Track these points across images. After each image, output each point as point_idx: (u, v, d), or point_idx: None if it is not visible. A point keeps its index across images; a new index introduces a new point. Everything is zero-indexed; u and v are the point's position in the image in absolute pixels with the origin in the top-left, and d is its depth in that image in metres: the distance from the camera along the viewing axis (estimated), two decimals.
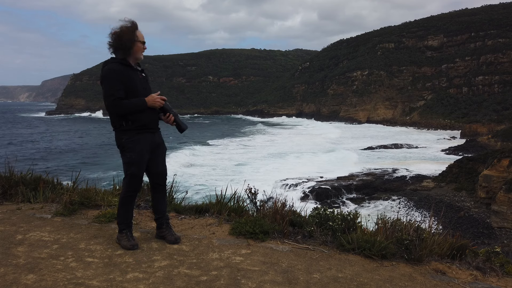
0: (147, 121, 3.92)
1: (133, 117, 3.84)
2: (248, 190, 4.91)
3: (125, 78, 3.80)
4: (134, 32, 3.84)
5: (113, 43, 3.83)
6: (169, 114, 3.97)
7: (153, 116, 3.97)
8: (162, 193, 4.23)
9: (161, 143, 4.14)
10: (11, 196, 5.59)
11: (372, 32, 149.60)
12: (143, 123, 3.89)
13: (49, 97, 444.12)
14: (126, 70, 3.83)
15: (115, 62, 3.84)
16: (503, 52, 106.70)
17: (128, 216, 4.05)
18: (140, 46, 3.89)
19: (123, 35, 3.80)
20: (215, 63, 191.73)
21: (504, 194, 30.78)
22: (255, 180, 37.82)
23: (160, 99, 3.89)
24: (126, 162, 3.92)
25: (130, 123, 3.85)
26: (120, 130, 3.89)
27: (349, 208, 34.23)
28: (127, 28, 3.82)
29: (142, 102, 3.83)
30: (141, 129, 3.89)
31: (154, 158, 4.06)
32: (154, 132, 4.04)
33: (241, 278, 3.29)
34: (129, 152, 3.87)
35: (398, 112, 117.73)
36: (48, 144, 72.71)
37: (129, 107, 3.80)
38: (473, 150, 56.64)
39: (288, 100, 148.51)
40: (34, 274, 3.25)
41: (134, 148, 3.86)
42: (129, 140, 3.86)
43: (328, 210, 4.52)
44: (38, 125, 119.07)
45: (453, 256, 3.98)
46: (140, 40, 3.88)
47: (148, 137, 3.95)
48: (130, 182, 3.94)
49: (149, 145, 3.95)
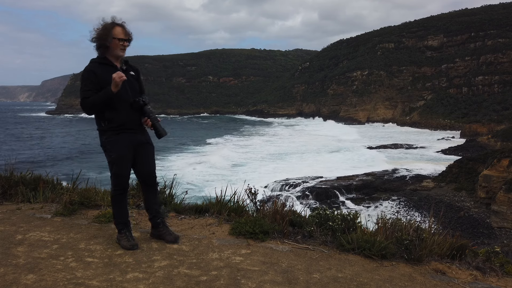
0: (124, 120, 3.88)
1: (109, 116, 3.83)
2: (248, 190, 4.91)
3: (99, 78, 3.77)
4: (109, 29, 3.80)
5: (92, 40, 3.84)
6: (146, 118, 3.92)
7: (131, 116, 3.91)
8: (153, 193, 4.21)
9: (146, 143, 4.08)
10: (11, 196, 5.59)
11: (372, 32, 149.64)
12: (120, 123, 3.86)
13: (49, 97, 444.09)
14: (103, 70, 3.80)
15: (93, 62, 3.85)
16: (503, 52, 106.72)
17: (123, 215, 4.04)
18: (117, 43, 3.82)
19: (99, 32, 3.81)
20: (215, 63, 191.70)
21: (504, 194, 30.79)
22: (254, 180, 37.83)
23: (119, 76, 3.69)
24: (108, 162, 3.95)
25: (107, 122, 3.85)
26: (101, 130, 3.92)
27: (349, 208, 34.23)
28: (103, 25, 3.81)
29: (106, 90, 3.73)
30: (118, 129, 3.87)
31: (139, 157, 4.03)
32: (135, 132, 3.97)
33: (241, 278, 3.29)
34: (109, 152, 3.91)
35: (398, 112, 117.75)
36: (48, 144, 72.69)
37: (93, 101, 3.75)
38: (473, 150, 56.63)
39: (288, 100, 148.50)
40: (34, 274, 3.25)
41: (112, 148, 3.88)
42: (108, 141, 3.89)
43: (328, 210, 4.52)
44: (39, 125, 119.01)
45: (453, 256, 3.98)
46: (117, 37, 3.81)
47: (127, 136, 3.91)
48: (115, 181, 3.96)
49: (129, 144, 3.91)
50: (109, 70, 3.80)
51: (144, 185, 4.19)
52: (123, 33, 3.85)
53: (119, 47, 3.84)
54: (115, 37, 3.80)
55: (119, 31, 3.83)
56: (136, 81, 4.03)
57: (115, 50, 3.84)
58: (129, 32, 3.91)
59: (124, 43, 3.87)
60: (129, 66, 4.02)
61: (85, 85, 3.78)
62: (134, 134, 3.96)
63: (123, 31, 3.85)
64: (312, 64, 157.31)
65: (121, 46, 3.85)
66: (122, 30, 3.85)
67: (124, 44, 3.87)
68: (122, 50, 3.87)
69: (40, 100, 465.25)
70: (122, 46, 3.86)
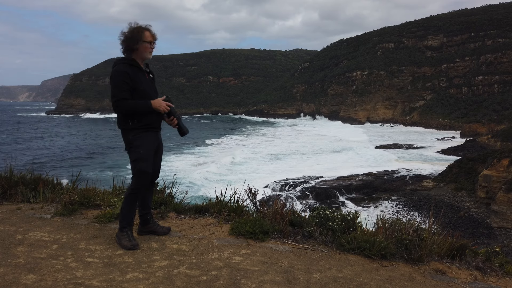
0: (152, 120, 4.03)
1: (139, 117, 3.95)
2: (248, 190, 4.91)
3: (132, 79, 3.90)
4: (140, 33, 3.94)
5: (121, 43, 3.97)
6: (173, 117, 4.05)
7: (157, 116, 4.08)
8: (151, 190, 4.38)
9: (161, 143, 4.26)
10: (11, 196, 5.59)
11: (372, 32, 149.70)
12: (148, 122, 4.01)
13: (49, 97, 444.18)
14: (133, 71, 3.93)
15: (123, 62, 3.95)
16: (503, 52, 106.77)
17: (132, 215, 4.09)
18: (146, 46, 3.98)
19: (129, 34, 3.93)
20: (215, 63, 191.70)
21: (504, 194, 30.80)
22: (254, 180, 37.84)
23: (165, 104, 3.98)
24: (134, 159, 3.98)
25: (136, 122, 3.95)
26: (126, 129, 3.99)
27: (349, 208, 34.22)
28: (134, 28, 3.95)
29: (147, 104, 3.92)
30: (146, 128, 4.01)
31: (155, 156, 4.17)
32: (158, 131, 4.17)
33: (241, 278, 3.29)
34: (136, 148, 3.96)
35: (398, 112, 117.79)
36: (48, 144, 72.68)
37: (132, 107, 3.90)
38: (473, 150, 56.62)
39: (288, 100, 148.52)
40: (34, 274, 3.25)
41: (141, 145, 3.96)
42: (136, 137, 3.96)
43: (328, 210, 4.52)
44: (39, 125, 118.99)
45: (453, 256, 3.98)
46: (146, 40, 3.95)
47: (153, 135, 4.08)
48: (139, 178, 3.99)
49: (154, 143, 4.09)
50: (137, 72, 3.97)
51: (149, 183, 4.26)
52: (151, 36, 4.01)
53: (148, 50, 4.00)
54: (145, 40, 3.95)
55: (148, 35, 3.99)
56: (154, 84, 4.22)
57: (143, 53, 3.99)
58: (155, 35, 4.07)
59: (152, 45, 4.04)
60: (149, 69, 4.20)
61: (121, 86, 3.86)
62: (157, 133, 4.16)
63: (151, 35, 4.01)
64: (312, 64, 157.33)
65: (150, 49, 4.02)
66: (150, 33, 4.01)
67: (152, 46, 4.04)
68: (150, 53, 4.05)
69: (40, 100, 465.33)
70: (151, 48, 4.03)
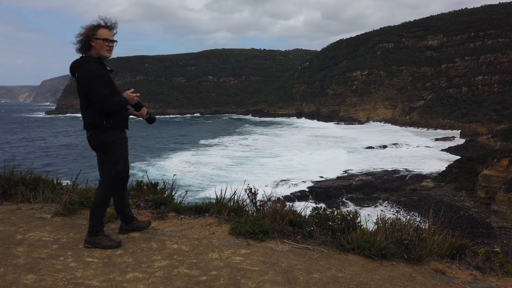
0: (125, 117, 3.96)
1: (117, 114, 3.84)
2: (248, 190, 4.90)
3: (105, 76, 3.78)
4: (94, 30, 3.76)
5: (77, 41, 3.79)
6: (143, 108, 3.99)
7: (126, 113, 4.00)
8: (127, 189, 4.36)
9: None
10: (11, 196, 5.59)
11: (371, 32, 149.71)
12: (123, 119, 3.92)
13: (49, 97, 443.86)
14: (104, 69, 3.81)
15: (92, 61, 3.76)
16: (502, 52, 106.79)
17: (103, 216, 4.03)
18: (102, 44, 3.77)
19: (83, 32, 3.77)
20: (215, 63, 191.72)
21: (503, 194, 30.80)
22: (254, 180, 37.82)
23: (135, 96, 3.86)
24: (110, 161, 3.86)
25: (112, 121, 3.80)
26: (101, 129, 3.80)
27: (349, 208, 34.22)
28: (89, 26, 3.77)
29: (123, 100, 3.80)
30: (122, 127, 3.93)
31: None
32: (127, 130, 4.10)
33: (241, 278, 3.29)
34: (112, 152, 3.84)
35: (397, 112, 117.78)
36: (48, 144, 72.64)
37: (117, 104, 3.77)
38: (472, 150, 56.66)
39: (288, 100, 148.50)
40: (34, 274, 3.25)
41: (117, 148, 3.86)
42: (111, 140, 3.82)
43: (327, 210, 4.52)
44: (39, 125, 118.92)
45: (452, 256, 3.98)
46: (101, 37, 3.76)
47: (125, 135, 4.02)
48: (117, 180, 3.92)
49: (126, 142, 4.04)
50: (105, 70, 3.84)
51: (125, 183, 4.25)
52: (108, 33, 3.81)
53: (104, 48, 3.79)
54: (100, 37, 3.75)
55: (103, 32, 3.78)
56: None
57: (100, 51, 3.79)
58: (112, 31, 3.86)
59: (110, 43, 3.83)
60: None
61: (102, 82, 3.70)
62: (126, 131, 4.09)
63: (107, 32, 3.80)
64: (312, 64, 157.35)
65: (107, 47, 3.81)
66: (106, 31, 3.80)
67: (110, 44, 3.83)
68: (107, 51, 3.83)
69: (40, 100, 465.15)
70: (108, 47, 3.82)
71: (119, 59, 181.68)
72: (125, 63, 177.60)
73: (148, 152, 61.15)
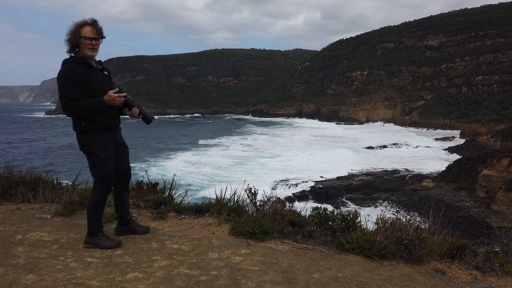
0: (107, 120, 3.89)
1: (92, 116, 3.79)
2: (248, 190, 4.91)
3: (80, 76, 3.71)
4: (77, 28, 3.73)
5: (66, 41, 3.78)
6: (134, 108, 3.92)
7: (114, 115, 3.94)
8: (127, 190, 4.30)
9: (123, 142, 4.14)
10: (11, 196, 5.59)
11: (371, 32, 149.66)
12: (103, 122, 3.85)
13: (49, 97, 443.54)
14: (82, 69, 3.74)
15: (71, 61, 3.76)
16: (502, 52, 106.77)
17: (101, 217, 4.04)
18: (85, 42, 3.73)
19: (68, 32, 3.75)
20: (215, 63, 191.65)
21: (503, 194, 30.80)
22: (254, 180, 37.82)
23: (117, 96, 3.79)
24: (96, 163, 3.85)
25: (89, 122, 3.79)
26: (81, 131, 3.82)
27: (349, 208, 34.22)
28: (74, 24, 3.76)
29: (100, 101, 3.75)
30: (102, 128, 3.86)
31: (119, 157, 4.05)
32: (116, 131, 4.04)
33: (241, 278, 3.29)
34: (97, 152, 3.82)
35: (397, 112, 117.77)
36: (48, 144, 72.64)
37: (85, 107, 3.73)
38: (472, 150, 56.66)
39: (288, 100, 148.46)
40: (34, 274, 3.25)
41: (101, 148, 3.83)
42: (94, 141, 3.82)
43: (327, 210, 4.52)
44: (39, 125, 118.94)
45: (452, 256, 3.98)
46: (84, 36, 3.73)
47: (111, 136, 3.95)
48: (104, 182, 3.89)
49: (112, 143, 3.96)
50: (86, 69, 3.78)
51: (121, 184, 4.19)
52: (91, 32, 3.76)
53: (87, 46, 3.76)
54: (82, 36, 3.73)
55: (87, 30, 3.75)
56: (110, 81, 4.02)
57: (84, 49, 3.77)
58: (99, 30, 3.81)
59: (94, 41, 3.78)
60: (103, 66, 4.00)
61: (69, 85, 3.68)
62: (115, 133, 4.03)
63: (91, 30, 3.76)
64: (312, 64, 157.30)
65: (90, 45, 3.77)
66: (90, 29, 3.76)
67: (93, 43, 3.78)
68: (91, 50, 3.79)
69: (40, 100, 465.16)
70: (91, 45, 3.78)
71: (119, 59, 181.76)
72: (125, 63, 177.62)
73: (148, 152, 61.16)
